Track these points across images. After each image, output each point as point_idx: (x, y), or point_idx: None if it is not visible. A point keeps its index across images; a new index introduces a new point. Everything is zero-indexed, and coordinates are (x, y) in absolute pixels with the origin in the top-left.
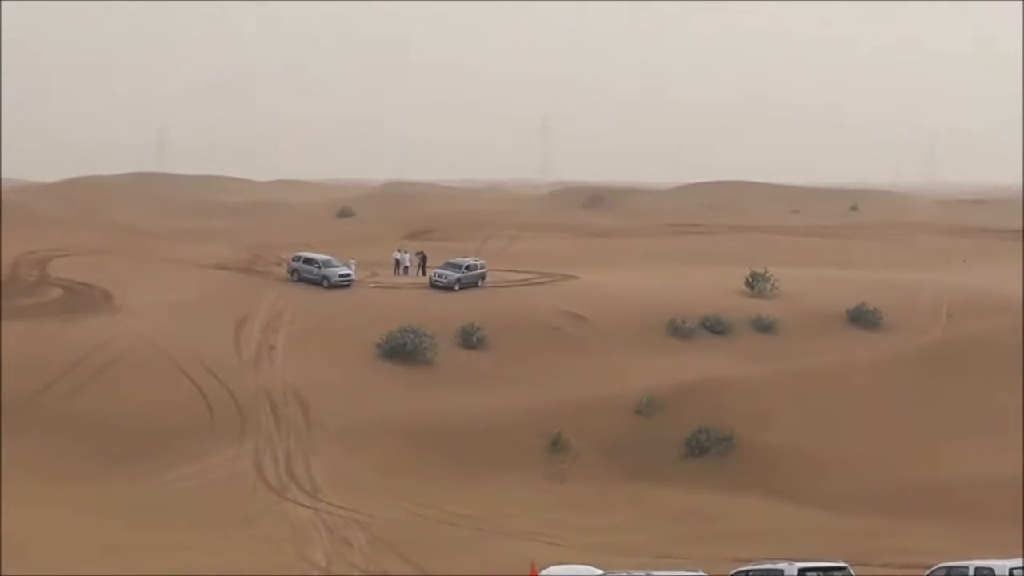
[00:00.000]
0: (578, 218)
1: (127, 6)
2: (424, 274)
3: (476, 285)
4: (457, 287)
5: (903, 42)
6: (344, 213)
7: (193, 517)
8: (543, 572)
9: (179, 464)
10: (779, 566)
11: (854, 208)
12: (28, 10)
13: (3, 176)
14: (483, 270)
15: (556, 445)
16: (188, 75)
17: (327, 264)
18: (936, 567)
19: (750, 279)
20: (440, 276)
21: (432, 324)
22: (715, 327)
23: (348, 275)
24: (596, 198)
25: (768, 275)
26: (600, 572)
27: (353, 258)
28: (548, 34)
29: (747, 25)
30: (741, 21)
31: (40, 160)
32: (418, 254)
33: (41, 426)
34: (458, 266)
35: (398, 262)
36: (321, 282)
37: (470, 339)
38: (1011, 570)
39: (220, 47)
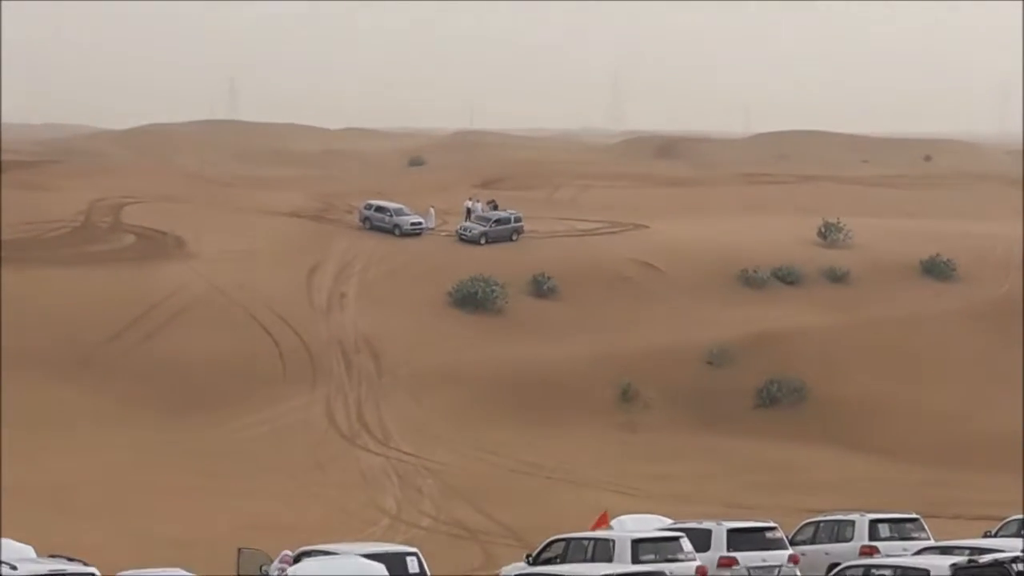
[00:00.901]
0: (649, 167)
1: None
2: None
3: (510, 239)
4: (483, 241)
5: None
6: (415, 162)
7: (265, 463)
8: (613, 520)
9: (251, 411)
10: (851, 517)
11: (928, 158)
12: None
13: (73, 122)
14: (517, 224)
15: (627, 395)
16: (260, 23)
17: (399, 212)
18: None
19: (823, 229)
20: (465, 229)
21: (503, 273)
22: (787, 277)
23: (420, 223)
24: (667, 147)
25: (841, 225)
26: (670, 521)
27: (432, 205)
28: None
29: None
30: None
31: (111, 107)
32: (489, 203)
33: (114, 372)
34: (487, 219)
35: (469, 211)
36: (393, 230)
37: (541, 288)
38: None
39: None
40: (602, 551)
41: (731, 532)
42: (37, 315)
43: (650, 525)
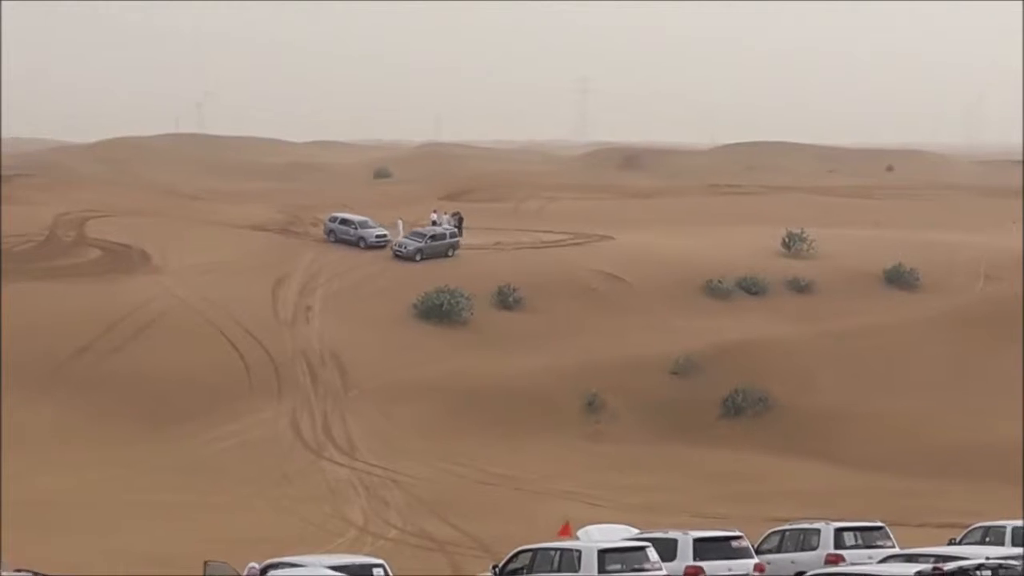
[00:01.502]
0: (614, 179)
1: None
2: (461, 235)
3: (446, 255)
4: (419, 257)
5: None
6: (381, 174)
7: (232, 476)
8: (580, 531)
9: (217, 424)
10: (815, 526)
11: (890, 168)
12: None
13: (40, 136)
14: (453, 240)
15: (593, 405)
16: (226, 38)
17: (364, 225)
18: None
19: (787, 239)
20: (401, 246)
21: (468, 284)
22: (752, 288)
23: (385, 236)
24: (632, 158)
25: (805, 235)
26: (636, 531)
27: (401, 218)
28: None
29: None
30: None
31: (77, 121)
32: (454, 215)
33: (79, 387)
34: (422, 235)
35: (435, 223)
36: (358, 243)
37: (507, 299)
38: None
39: (260, 12)
40: (568, 562)
41: (697, 541)
42: (3, 331)
43: (616, 535)
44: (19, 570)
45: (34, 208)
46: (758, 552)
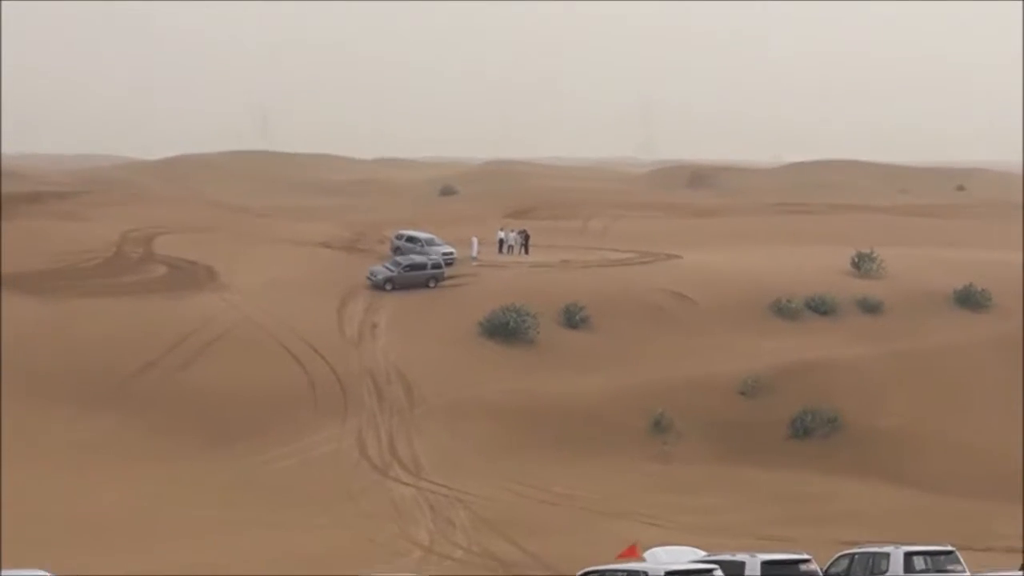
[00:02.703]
0: (681, 197)
1: None
2: (527, 252)
3: (425, 285)
4: (388, 287)
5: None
6: (447, 191)
7: (296, 495)
8: (646, 552)
9: (282, 442)
10: (885, 549)
11: (961, 188)
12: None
13: (105, 152)
14: (435, 271)
15: (659, 426)
16: (292, 54)
17: (430, 242)
18: None
19: (856, 259)
20: (372, 273)
21: (535, 303)
22: (820, 307)
23: (451, 253)
24: (699, 177)
25: (874, 255)
26: (704, 553)
27: (475, 235)
28: (651, 12)
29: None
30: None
31: (143, 137)
32: (520, 232)
33: (144, 403)
34: (398, 264)
35: (502, 241)
36: None
37: (573, 319)
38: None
39: (323, 26)
40: None
41: (765, 564)
42: (69, 346)
43: (683, 557)
44: None
45: (100, 225)
46: None
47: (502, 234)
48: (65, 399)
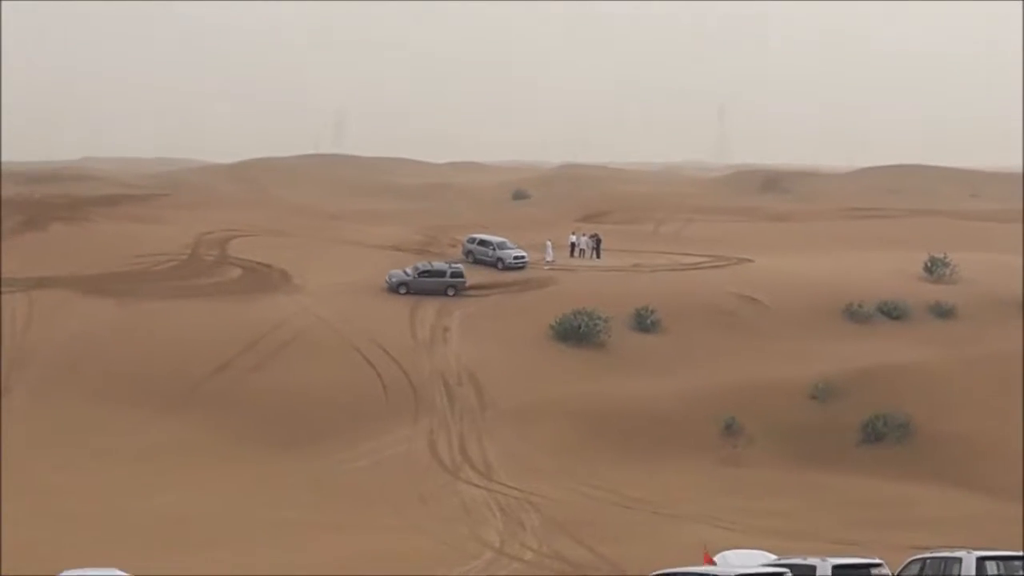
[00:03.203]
0: (754, 201)
1: None
2: (599, 256)
3: (444, 293)
4: (402, 291)
5: None
6: (519, 195)
7: (367, 496)
8: (717, 556)
9: (353, 444)
10: (957, 554)
11: None
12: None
13: (181, 156)
14: (454, 279)
15: (730, 429)
16: (365, 59)
17: (502, 246)
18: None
19: (928, 264)
20: (390, 276)
21: (606, 307)
22: (892, 312)
23: (523, 257)
24: (772, 181)
25: (947, 260)
26: (774, 557)
27: (549, 239)
28: (728, 12)
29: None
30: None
31: (219, 142)
32: (592, 236)
33: (217, 405)
34: (417, 269)
35: (573, 244)
36: (496, 264)
37: (644, 322)
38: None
39: (397, 29)
40: None
41: (836, 568)
42: (144, 348)
43: (754, 561)
44: None
45: (176, 228)
46: None
47: (574, 238)
48: (139, 401)
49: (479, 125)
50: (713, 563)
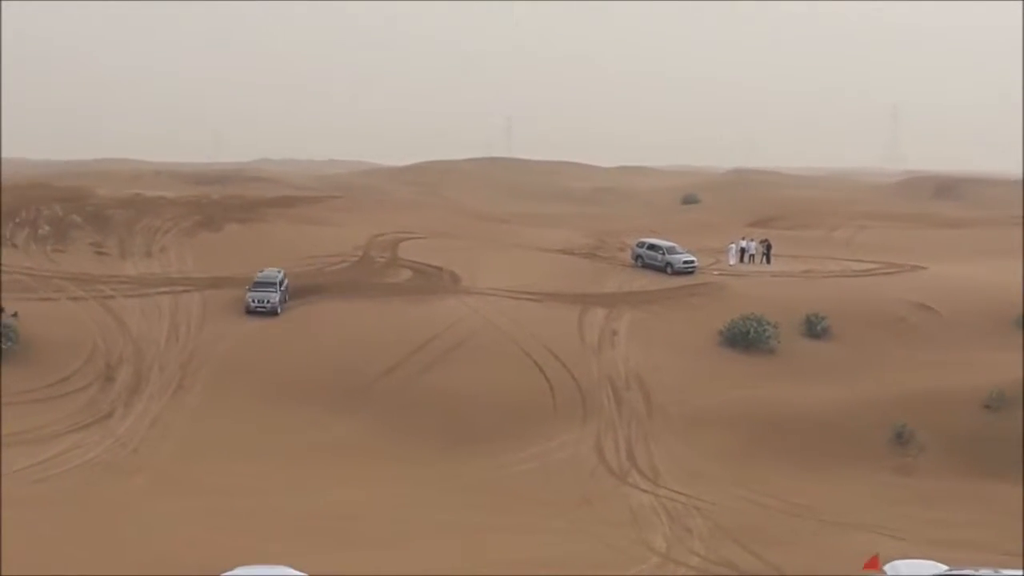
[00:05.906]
0: (927, 207)
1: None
2: (769, 262)
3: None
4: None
5: None
6: (688, 200)
7: (534, 499)
8: (887, 565)
9: (520, 446)
10: None
11: None
12: (384, 8)
13: (355, 159)
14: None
15: (901, 438)
16: (536, 64)
17: (671, 250)
18: None
19: None
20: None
21: (776, 313)
22: None
23: (692, 262)
24: (946, 188)
25: None
26: (946, 568)
27: (734, 242)
28: (899, 24)
29: None
30: None
31: (392, 145)
32: (763, 242)
33: (386, 404)
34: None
35: (743, 250)
36: (665, 268)
37: (814, 329)
38: None
39: (568, 36)
40: None
41: None
42: (314, 348)
43: (925, 571)
44: None
45: (348, 229)
46: None
47: (743, 243)
48: (310, 400)
49: (649, 129)
50: (879, 570)
